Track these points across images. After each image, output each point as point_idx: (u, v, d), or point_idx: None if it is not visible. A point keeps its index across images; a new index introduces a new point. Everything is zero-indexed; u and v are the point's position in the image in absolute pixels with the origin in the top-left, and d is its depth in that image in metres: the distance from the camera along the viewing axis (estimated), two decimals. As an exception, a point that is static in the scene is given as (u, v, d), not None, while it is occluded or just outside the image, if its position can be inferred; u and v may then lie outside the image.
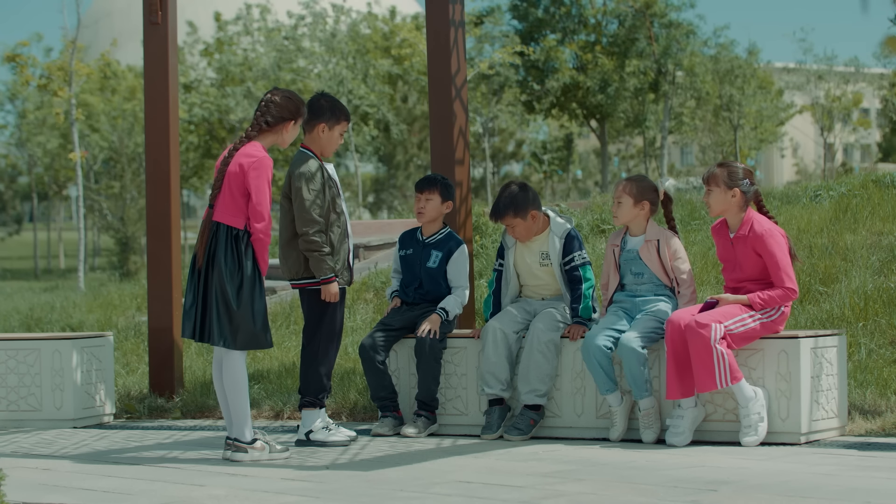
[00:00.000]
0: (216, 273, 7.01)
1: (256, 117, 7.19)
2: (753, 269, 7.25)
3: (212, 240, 7.04)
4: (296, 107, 7.22)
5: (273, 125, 7.18)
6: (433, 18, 8.87)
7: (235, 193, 7.03)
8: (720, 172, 7.31)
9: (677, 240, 7.59)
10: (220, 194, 7.06)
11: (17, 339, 8.99)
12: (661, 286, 7.52)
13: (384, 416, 7.94)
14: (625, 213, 7.58)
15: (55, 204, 57.33)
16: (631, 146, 54.97)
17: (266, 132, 7.19)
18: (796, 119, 51.31)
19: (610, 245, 7.71)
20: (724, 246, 7.41)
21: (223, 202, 7.05)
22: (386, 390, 7.95)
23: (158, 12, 9.39)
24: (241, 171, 7.02)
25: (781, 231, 7.33)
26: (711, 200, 7.34)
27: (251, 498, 5.90)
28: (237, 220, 7.03)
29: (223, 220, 7.04)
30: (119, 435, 8.36)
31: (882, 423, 7.34)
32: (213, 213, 7.06)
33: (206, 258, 7.05)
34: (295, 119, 7.23)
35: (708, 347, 6.99)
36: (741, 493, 5.64)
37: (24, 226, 65.75)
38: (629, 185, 7.59)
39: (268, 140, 7.21)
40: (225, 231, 7.02)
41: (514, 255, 7.95)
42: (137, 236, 34.74)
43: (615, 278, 7.65)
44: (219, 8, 48.15)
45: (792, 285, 7.19)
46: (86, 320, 13.83)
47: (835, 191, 12.26)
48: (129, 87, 45.35)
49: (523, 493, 5.79)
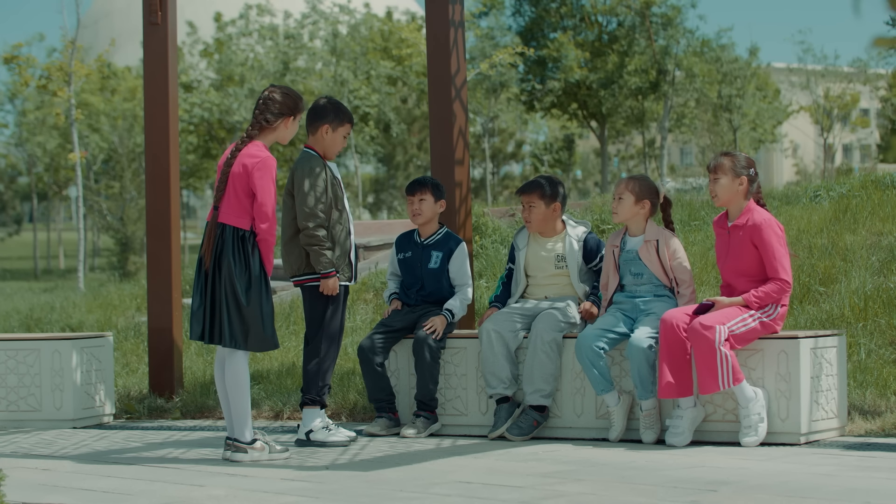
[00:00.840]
0: (225, 275, 7.00)
1: (256, 115, 7.19)
2: (748, 261, 7.24)
3: (218, 241, 7.03)
4: (294, 102, 7.23)
5: (273, 122, 7.18)
6: (433, 18, 8.87)
7: (240, 194, 7.03)
8: (727, 161, 7.32)
9: (676, 239, 7.59)
10: (225, 195, 7.05)
11: (16, 340, 8.99)
12: (661, 286, 7.52)
13: (379, 416, 7.96)
14: (625, 210, 7.58)
15: (55, 204, 57.32)
16: (631, 146, 54.97)
17: (266, 130, 7.19)
18: (796, 119, 51.31)
19: (609, 245, 7.71)
20: (721, 236, 7.41)
21: (228, 203, 7.05)
22: (383, 392, 7.96)
23: (158, 12, 9.39)
24: (244, 171, 7.02)
25: (779, 224, 7.33)
26: (718, 189, 7.33)
27: (251, 498, 5.90)
28: (243, 221, 7.03)
29: (229, 221, 7.03)
30: (119, 435, 8.36)
31: (882, 423, 7.34)
32: (219, 214, 7.05)
33: (212, 260, 7.03)
34: (294, 114, 7.23)
35: (712, 349, 6.99)
36: (741, 494, 5.64)
37: (23, 226, 65.78)
38: (631, 182, 7.60)
39: (269, 138, 7.21)
40: (231, 232, 7.02)
41: (527, 256, 7.96)
42: (137, 236, 34.74)
43: (615, 279, 7.65)
44: (219, 8, 48.16)
45: (786, 277, 7.17)
46: (85, 321, 13.83)
47: (834, 191, 12.26)
48: (129, 88, 45.36)
49: (523, 493, 5.79)
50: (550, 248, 7.93)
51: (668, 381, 7.11)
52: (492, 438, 7.65)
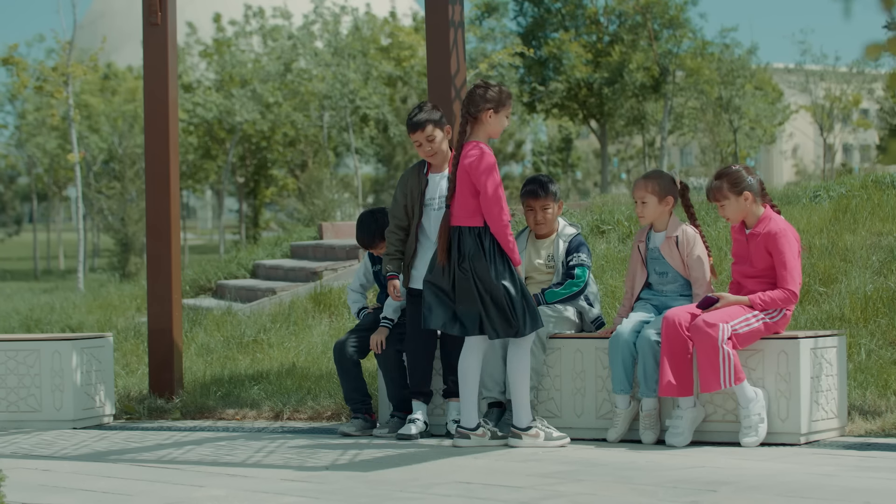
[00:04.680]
0: (480, 273, 7.18)
1: (461, 111, 7.39)
2: (762, 267, 7.25)
3: (458, 243, 7.25)
4: (497, 95, 7.36)
5: (476, 115, 7.33)
6: (433, 19, 8.87)
7: (467, 195, 7.27)
8: (724, 184, 7.30)
9: (695, 233, 7.52)
10: (455, 197, 7.29)
11: (16, 340, 8.99)
12: (687, 285, 7.48)
13: (355, 416, 8.02)
14: (650, 212, 7.53)
15: (55, 205, 57.26)
16: (630, 147, 54.96)
17: (474, 125, 7.35)
18: (796, 119, 51.28)
19: (636, 242, 7.66)
20: (739, 242, 7.40)
21: (459, 205, 7.29)
22: (358, 392, 8.04)
23: (158, 13, 9.39)
24: (466, 170, 7.25)
25: (795, 234, 7.33)
26: (728, 213, 7.33)
27: (251, 499, 5.90)
28: (476, 220, 7.25)
29: (463, 223, 7.28)
30: (119, 436, 8.36)
31: (882, 423, 7.34)
32: (452, 217, 7.29)
33: (452, 260, 7.24)
34: (496, 108, 7.35)
35: (715, 348, 6.99)
36: (741, 494, 5.64)
37: (23, 227, 65.74)
38: (650, 183, 7.53)
39: (479, 134, 7.36)
40: (468, 232, 7.25)
41: (526, 257, 7.94)
42: (138, 237, 34.69)
43: (642, 275, 7.59)
44: (219, 9, 48.15)
45: (794, 288, 7.17)
46: (85, 321, 13.84)
47: (834, 191, 12.25)
48: (129, 89, 45.33)
49: (523, 493, 5.79)
50: (545, 249, 7.92)
51: (669, 381, 7.10)
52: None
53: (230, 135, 42.07)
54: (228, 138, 42.38)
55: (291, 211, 39.86)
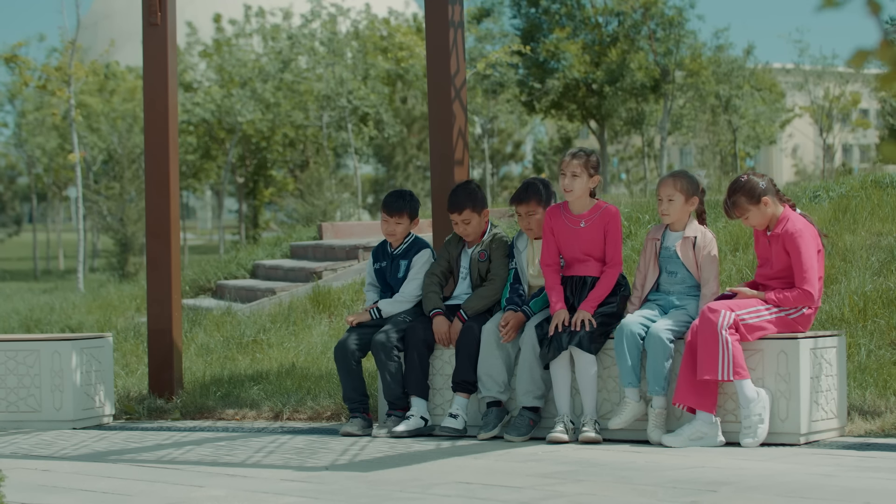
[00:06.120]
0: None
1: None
2: (781, 268, 7.25)
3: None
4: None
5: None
6: (432, 19, 8.87)
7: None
8: (741, 199, 7.28)
9: (713, 237, 7.51)
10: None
11: (16, 341, 8.99)
12: (694, 287, 7.47)
13: (353, 416, 8.05)
14: (676, 211, 7.47)
15: (54, 205, 57.29)
16: (630, 147, 54.96)
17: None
18: (795, 120, 51.27)
19: (651, 238, 7.59)
20: (762, 243, 7.39)
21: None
22: (357, 392, 8.07)
23: (158, 13, 9.39)
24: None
25: (814, 233, 7.31)
26: (753, 222, 7.33)
27: (251, 499, 5.90)
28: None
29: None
30: (118, 436, 8.36)
31: (881, 423, 7.33)
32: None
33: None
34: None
35: (714, 333, 6.96)
36: (741, 494, 5.64)
37: (23, 227, 65.73)
38: (679, 181, 7.48)
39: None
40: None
41: (526, 258, 7.93)
42: (137, 237, 34.69)
43: (654, 272, 7.53)
44: (219, 9, 48.15)
45: (810, 288, 7.14)
46: (85, 321, 13.84)
47: (834, 191, 12.25)
48: (128, 89, 45.33)
49: (522, 493, 5.79)
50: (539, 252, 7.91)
51: (687, 388, 7.07)
52: (481, 440, 7.64)
53: (230, 135, 42.07)
54: (228, 138, 42.38)
55: (291, 211, 39.88)
